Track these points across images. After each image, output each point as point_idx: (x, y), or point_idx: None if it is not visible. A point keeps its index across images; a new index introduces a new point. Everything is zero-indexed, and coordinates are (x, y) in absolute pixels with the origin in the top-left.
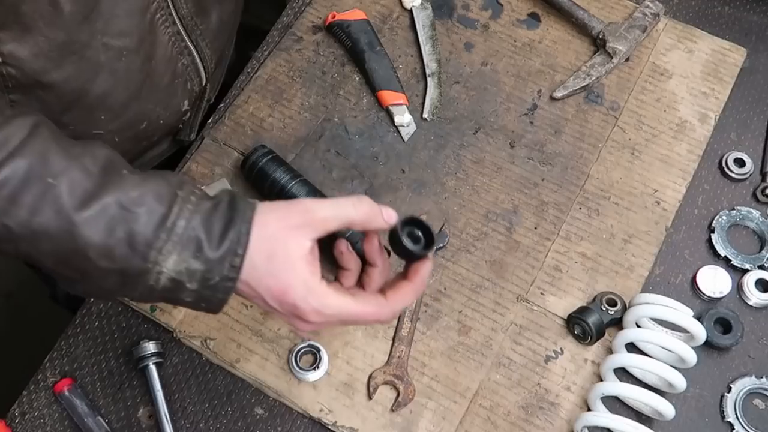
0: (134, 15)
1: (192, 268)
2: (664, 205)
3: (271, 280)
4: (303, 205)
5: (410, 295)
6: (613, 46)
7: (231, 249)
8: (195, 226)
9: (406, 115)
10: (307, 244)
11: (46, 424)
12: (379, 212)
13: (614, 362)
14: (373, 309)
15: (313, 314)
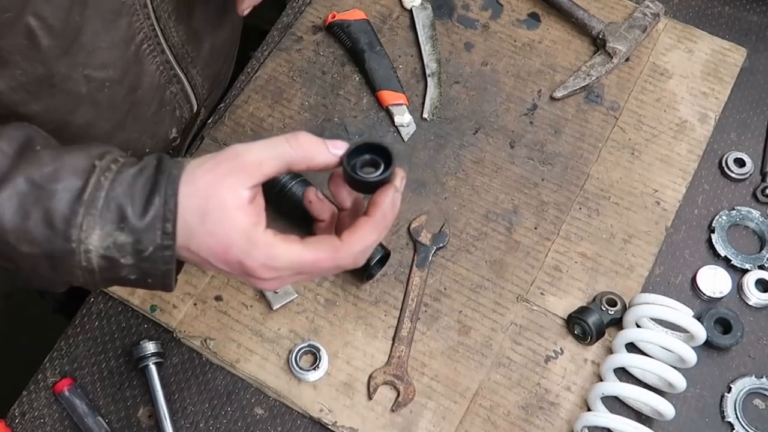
0: (118, 46)
1: (119, 241)
2: (664, 205)
3: (210, 239)
4: (232, 150)
5: (370, 233)
6: (613, 46)
7: (158, 214)
8: (116, 196)
9: (406, 115)
10: (244, 193)
11: (46, 424)
12: (322, 144)
13: (614, 362)
14: (328, 254)
15: (263, 269)
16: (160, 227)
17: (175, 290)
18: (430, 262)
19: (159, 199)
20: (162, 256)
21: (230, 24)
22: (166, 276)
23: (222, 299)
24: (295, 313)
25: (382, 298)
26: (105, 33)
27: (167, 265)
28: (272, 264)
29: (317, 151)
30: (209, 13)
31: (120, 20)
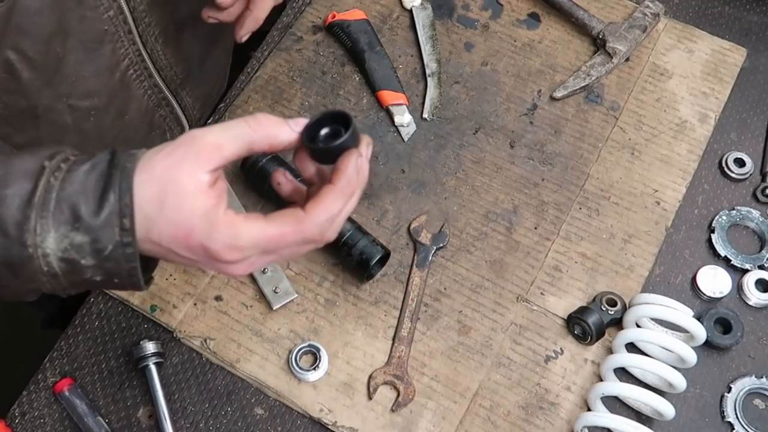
0: (102, 74)
1: (76, 241)
2: (664, 205)
3: (170, 226)
4: (190, 134)
5: (335, 201)
6: (613, 46)
7: (114, 210)
8: (68, 196)
9: (406, 115)
10: (204, 177)
11: (46, 424)
12: (283, 123)
13: (614, 362)
14: (292, 227)
15: (228, 251)
16: (117, 224)
17: (175, 290)
18: (430, 262)
19: (113, 195)
20: (124, 254)
21: (221, 43)
22: (131, 275)
23: (222, 299)
24: (295, 313)
25: (382, 298)
26: (88, 62)
27: (130, 263)
28: (237, 243)
29: (278, 130)
30: (199, 33)
31: (103, 48)
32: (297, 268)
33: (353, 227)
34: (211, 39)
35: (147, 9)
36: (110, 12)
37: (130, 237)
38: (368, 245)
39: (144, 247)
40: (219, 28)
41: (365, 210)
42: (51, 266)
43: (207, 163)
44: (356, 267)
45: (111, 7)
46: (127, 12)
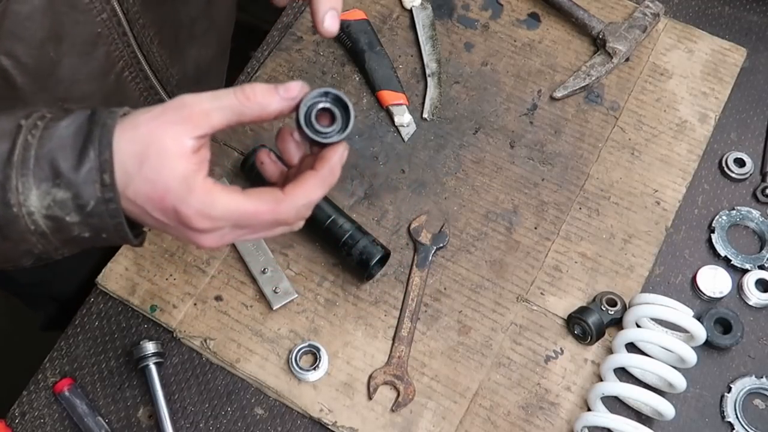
0: (97, 77)
1: (59, 198)
2: (664, 205)
3: (147, 186)
4: (180, 100)
5: (315, 188)
6: (613, 46)
7: (94, 166)
8: (47, 153)
9: (406, 115)
10: (188, 142)
11: (46, 424)
12: (273, 91)
13: (614, 362)
14: (269, 206)
15: (199, 218)
16: (97, 179)
17: (175, 290)
18: (430, 262)
19: (93, 150)
20: (107, 210)
21: (216, 41)
22: (118, 229)
23: (222, 299)
24: (295, 313)
25: (382, 298)
26: (83, 65)
27: (115, 218)
28: (209, 212)
29: (269, 99)
30: (195, 32)
31: (97, 51)
32: (297, 268)
33: (353, 227)
34: (210, 40)
35: (141, 10)
36: (103, 15)
37: (111, 193)
38: (368, 245)
39: (127, 207)
40: (217, 28)
41: (365, 210)
42: (38, 224)
43: (194, 129)
44: (356, 267)
45: (104, 10)
46: (120, 14)
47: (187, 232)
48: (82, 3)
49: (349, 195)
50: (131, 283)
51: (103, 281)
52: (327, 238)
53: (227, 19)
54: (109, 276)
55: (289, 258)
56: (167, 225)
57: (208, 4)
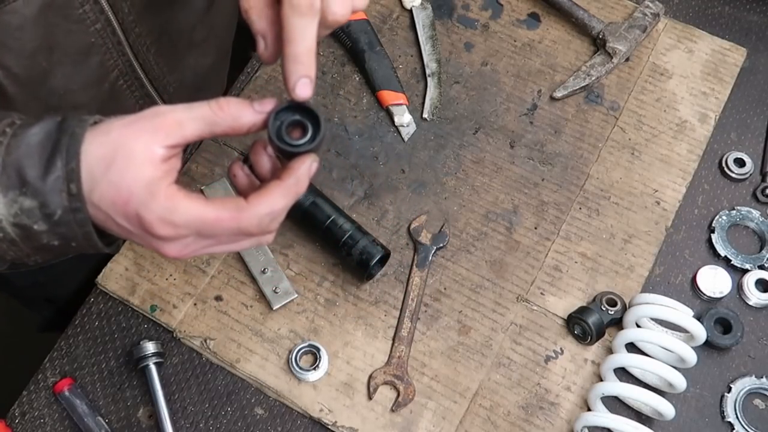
0: (91, 86)
1: (26, 206)
2: (664, 205)
3: (111, 190)
4: (153, 109)
5: (280, 198)
6: (613, 46)
7: (60, 175)
8: (13, 160)
9: (406, 115)
10: (158, 150)
11: (46, 424)
12: (246, 104)
13: (614, 362)
14: (230, 213)
15: (161, 225)
16: (64, 188)
17: (175, 290)
18: (430, 262)
19: (60, 159)
20: (74, 219)
21: (216, 48)
22: (87, 238)
23: (222, 299)
24: (295, 313)
25: (382, 298)
26: (76, 74)
27: (83, 227)
28: (170, 218)
29: (242, 112)
30: (194, 40)
31: (90, 60)
32: (297, 268)
33: (353, 227)
34: (209, 47)
35: (137, 20)
36: (97, 25)
37: (78, 202)
38: (368, 245)
39: (94, 214)
40: (217, 35)
41: (365, 210)
42: (6, 232)
43: (165, 138)
44: (356, 267)
45: (98, 20)
46: (115, 24)
47: (151, 239)
48: (75, 13)
49: (349, 195)
50: (131, 283)
51: (103, 281)
52: (327, 238)
53: (227, 25)
54: (109, 276)
55: (289, 258)
56: (131, 232)
57: (207, 11)
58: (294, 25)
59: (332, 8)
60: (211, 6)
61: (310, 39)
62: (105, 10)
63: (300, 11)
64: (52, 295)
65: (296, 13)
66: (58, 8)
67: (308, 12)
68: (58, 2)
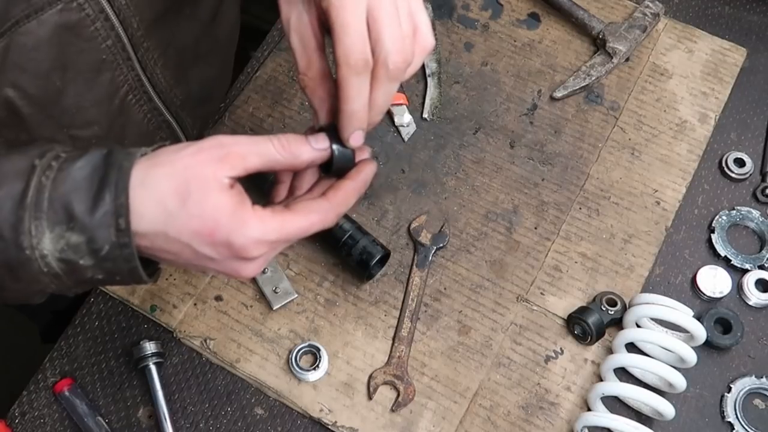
0: (102, 103)
1: (72, 242)
2: (664, 205)
3: (194, 222)
4: (216, 139)
5: (353, 195)
6: (613, 46)
7: (109, 210)
8: (61, 195)
9: (406, 115)
10: (225, 181)
11: (46, 424)
12: (305, 142)
13: (614, 362)
14: (319, 216)
15: (255, 246)
16: (112, 224)
17: (175, 290)
18: (430, 262)
19: (109, 194)
20: (122, 255)
21: (220, 60)
22: (133, 273)
23: (222, 299)
24: (295, 313)
25: (382, 298)
26: (87, 92)
27: (129, 263)
28: (267, 238)
29: (301, 150)
30: (199, 52)
31: (101, 77)
32: (297, 268)
33: (353, 227)
34: (213, 59)
35: (145, 34)
36: (108, 41)
37: (127, 238)
38: (368, 245)
39: (155, 243)
40: (220, 47)
41: (365, 210)
42: (51, 267)
43: (230, 170)
44: (356, 267)
45: (109, 37)
46: (125, 39)
47: (235, 263)
48: (87, 31)
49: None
50: None
51: None
52: (327, 238)
53: (230, 37)
54: None
55: (289, 258)
56: (212, 259)
57: (211, 23)
58: (351, 84)
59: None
60: (215, 19)
61: (365, 96)
62: (115, 27)
63: (356, 69)
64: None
65: (353, 71)
66: (72, 27)
67: (364, 70)
68: (72, 21)
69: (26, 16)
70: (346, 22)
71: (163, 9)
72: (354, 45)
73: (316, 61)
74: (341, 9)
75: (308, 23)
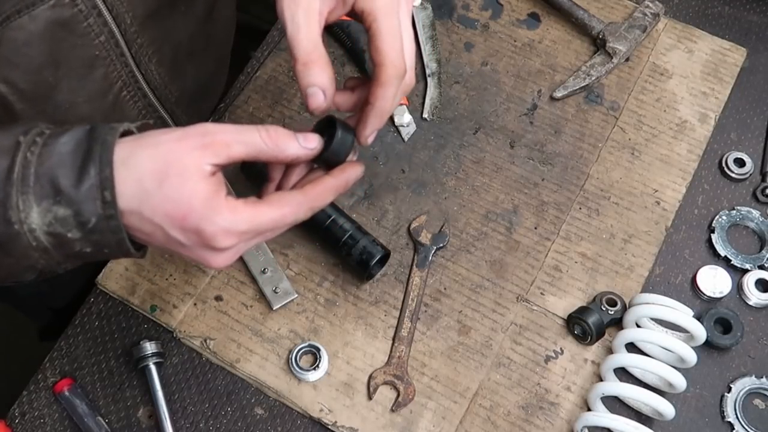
0: (95, 99)
1: (60, 215)
2: (664, 205)
3: (168, 204)
4: (202, 126)
5: (330, 193)
6: (613, 46)
7: (95, 183)
8: (47, 170)
9: (406, 115)
10: (207, 168)
11: (46, 424)
12: (293, 137)
13: (614, 362)
14: (292, 208)
15: (224, 236)
16: (98, 196)
17: (175, 290)
18: (430, 262)
19: (94, 167)
20: (108, 227)
21: (215, 56)
22: (120, 245)
23: (222, 299)
24: (295, 313)
25: (382, 298)
26: (81, 88)
27: (116, 234)
28: (236, 228)
29: (288, 144)
30: (194, 49)
31: (94, 73)
32: (297, 268)
33: (353, 227)
34: (208, 56)
35: (139, 30)
36: (101, 37)
37: (112, 210)
38: (368, 245)
39: (131, 221)
40: (216, 44)
41: (365, 210)
42: (39, 241)
43: (213, 157)
44: (356, 267)
45: (102, 33)
46: (118, 35)
47: (203, 251)
48: (80, 27)
49: (349, 195)
50: (131, 283)
51: (103, 281)
52: (327, 238)
53: (226, 34)
54: (109, 276)
55: (289, 258)
56: (182, 244)
57: (207, 20)
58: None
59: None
60: (210, 15)
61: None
62: (108, 23)
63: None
64: (53, 304)
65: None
66: (64, 23)
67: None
68: (64, 17)
69: (17, 11)
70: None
71: (156, 5)
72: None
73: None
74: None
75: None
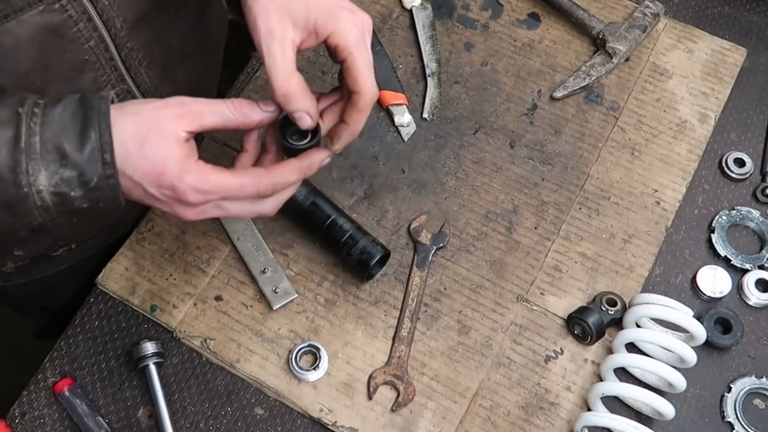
0: None
1: (66, 176)
2: (664, 205)
3: (146, 164)
4: (179, 99)
5: (293, 172)
6: (613, 46)
7: (96, 147)
8: (51, 137)
9: (406, 115)
10: (182, 134)
11: (46, 424)
12: (255, 105)
13: (614, 362)
14: (253, 179)
15: (192, 192)
16: (99, 159)
17: (175, 290)
18: (430, 262)
19: (94, 132)
20: (107, 184)
21: (207, 59)
22: (115, 200)
23: (222, 299)
24: (295, 313)
25: (382, 298)
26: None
27: (114, 191)
28: (202, 187)
29: (251, 111)
30: (185, 52)
31: (84, 77)
32: (297, 268)
33: (353, 227)
34: (200, 58)
35: (129, 34)
36: (91, 42)
37: (112, 169)
38: (368, 245)
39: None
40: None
41: (365, 210)
42: (44, 200)
43: (188, 125)
44: (356, 267)
45: (92, 38)
46: (108, 40)
47: (176, 205)
48: (69, 32)
49: (349, 195)
50: (131, 283)
51: (103, 281)
52: (327, 238)
53: (217, 37)
54: (109, 276)
55: (289, 258)
56: (158, 198)
57: (198, 22)
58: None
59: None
60: (201, 18)
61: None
62: (98, 27)
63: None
64: (47, 304)
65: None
66: (54, 28)
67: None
68: (54, 22)
69: (5, 15)
70: (368, 61)
71: (146, 8)
72: (374, 80)
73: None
74: (361, 50)
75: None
